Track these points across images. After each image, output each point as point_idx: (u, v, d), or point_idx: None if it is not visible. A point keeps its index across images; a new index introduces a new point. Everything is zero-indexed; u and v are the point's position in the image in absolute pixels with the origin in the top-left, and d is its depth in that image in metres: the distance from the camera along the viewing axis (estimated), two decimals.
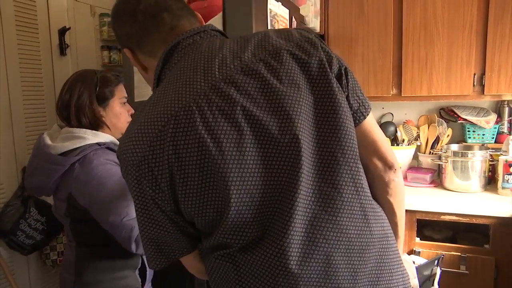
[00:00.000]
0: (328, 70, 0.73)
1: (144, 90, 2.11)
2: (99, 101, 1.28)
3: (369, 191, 0.77)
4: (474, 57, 1.98)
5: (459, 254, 1.80)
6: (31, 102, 2.19)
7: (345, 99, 0.74)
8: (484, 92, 1.98)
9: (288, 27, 1.76)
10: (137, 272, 1.32)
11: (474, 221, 1.80)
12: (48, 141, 1.25)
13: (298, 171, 0.68)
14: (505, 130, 2.20)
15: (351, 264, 0.71)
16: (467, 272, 1.79)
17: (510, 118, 2.20)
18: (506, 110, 2.20)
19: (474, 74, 1.98)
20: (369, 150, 0.81)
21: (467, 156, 1.99)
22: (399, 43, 2.09)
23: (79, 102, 1.25)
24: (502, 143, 2.10)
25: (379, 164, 0.82)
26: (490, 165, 2.06)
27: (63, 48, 2.36)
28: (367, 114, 0.79)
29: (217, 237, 0.72)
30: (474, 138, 2.23)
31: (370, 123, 0.80)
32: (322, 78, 0.72)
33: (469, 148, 2.12)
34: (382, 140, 0.82)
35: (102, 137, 1.26)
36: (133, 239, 1.18)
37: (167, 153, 0.68)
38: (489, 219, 1.77)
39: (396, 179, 0.84)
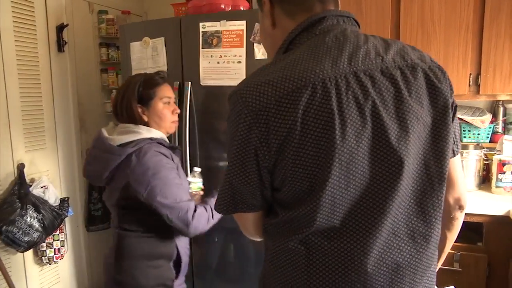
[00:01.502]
0: (450, 100, 0.77)
1: None
2: (142, 101, 1.40)
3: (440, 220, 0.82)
4: (470, 57, 2.00)
5: (453, 251, 1.82)
6: (28, 99, 2.19)
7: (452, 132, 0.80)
8: (480, 92, 2.00)
9: (245, 37, 1.85)
10: (171, 263, 1.41)
11: (468, 219, 1.81)
12: (106, 134, 1.38)
13: (397, 182, 0.72)
14: (500, 129, 2.23)
15: (412, 281, 0.77)
16: (460, 269, 1.81)
17: (505, 118, 2.22)
18: (501, 110, 2.22)
19: (470, 74, 2.00)
20: (450, 185, 0.85)
21: (462, 155, 2.00)
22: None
23: (123, 103, 1.39)
24: (497, 142, 2.12)
25: (452, 202, 0.89)
26: (484, 164, 2.08)
27: (61, 45, 2.36)
28: (458, 153, 0.85)
29: (298, 212, 0.72)
30: (469, 137, 2.25)
31: (457, 162, 0.87)
32: (443, 106, 0.76)
33: (464, 147, 2.14)
34: (462, 181, 0.89)
35: (155, 133, 1.40)
36: (189, 220, 1.32)
37: (294, 115, 0.68)
38: (482, 217, 1.79)
39: (460, 218, 0.92)
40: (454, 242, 1.84)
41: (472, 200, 1.88)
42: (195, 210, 1.35)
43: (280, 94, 0.69)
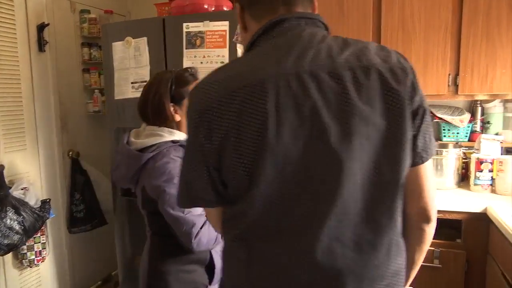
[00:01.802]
0: (407, 103, 0.73)
1: (124, 88, 2.11)
2: (175, 100, 1.32)
3: (400, 227, 0.79)
4: (449, 58, 2.04)
5: (433, 248, 1.86)
6: (8, 100, 2.15)
7: (412, 137, 0.75)
8: (458, 92, 2.05)
9: (228, 38, 1.86)
10: (204, 268, 1.35)
11: (447, 216, 1.86)
12: (131, 138, 1.34)
13: (338, 186, 0.70)
14: (478, 128, 2.28)
15: None
16: (440, 266, 1.85)
17: (483, 117, 2.28)
18: (479, 109, 2.28)
19: (449, 74, 2.04)
20: (414, 194, 0.80)
21: (442, 154, 2.05)
22: (378, 43, 2.13)
23: (155, 102, 1.31)
24: (475, 141, 2.17)
25: (416, 212, 0.82)
26: (463, 162, 2.13)
27: (41, 45, 2.33)
28: (426, 160, 0.78)
29: (236, 208, 0.77)
30: (449, 136, 2.30)
31: (425, 170, 0.79)
32: (399, 109, 0.72)
33: (444, 146, 2.19)
34: (429, 190, 0.81)
35: (178, 135, 1.32)
36: (193, 236, 1.23)
37: (231, 114, 0.71)
38: (461, 214, 1.84)
39: (427, 230, 0.85)
40: (434, 239, 1.91)
41: (452, 197, 1.92)
42: (202, 226, 1.26)
43: (222, 94, 0.72)
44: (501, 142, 2.08)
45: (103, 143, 2.56)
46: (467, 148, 2.16)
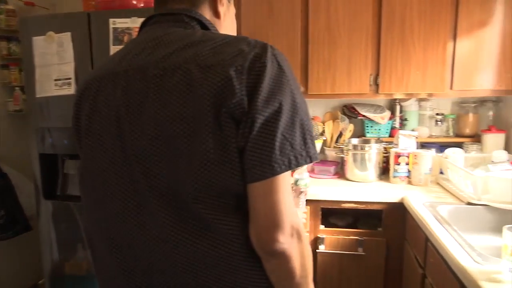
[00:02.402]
0: (208, 105, 0.65)
1: (46, 85, 1.99)
2: None
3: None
4: (370, 60, 2.19)
5: (357, 237, 1.99)
6: None
7: (226, 142, 0.66)
8: (379, 91, 2.20)
9: None
10: None
11: (369, 207, 2.00)
12: None
13: (135, 189, 0.72)
14: (397, 125, 2.47)
15: None
16: (364, 253, 1.98)
17: (401, 114, 2.48)
18: (398, 107, 2.47)
19: (371, 75, 2.19)
20: (250, 215, 0.69)
21: (364, 149, 2.19)
22: (306, 44, 2.23)
23: None
24: (394, 136, 2.35)
25: (253, 239, 0.69)
26: (384, 157, 2.30)
27: None
28: (256, 180, 0.66)
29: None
30: (372, 132, 2.47)
31: (263, 190, 0.66)
32: (199, 112, 0.66)
33: (367, 142, 2.34)
34: (267, 215, 0.66)
35: None
36: None
37: (75, 107, 0.82)
38: (381, 205, 1.98)
39: (273, 262, 0.69)
40: (359, 229, 2.05)
41: (373, 189, 2.07)
42: None
43: (82, 83, 0.82)
44: (416, 137, 2.27)
45: (26, 144, 2.39)
46: (387, 143, 2.33)
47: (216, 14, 0.84)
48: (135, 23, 1.86)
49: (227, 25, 0.87)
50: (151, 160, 0.69)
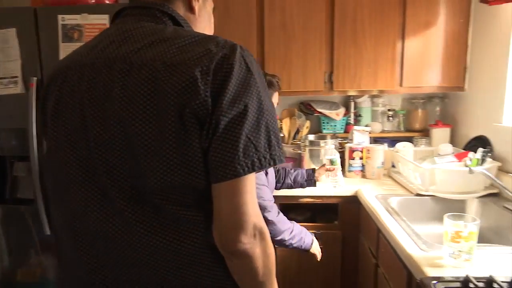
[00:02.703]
0: (173, 105, 0.65)
1: None
2: None
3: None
4: (324, 57, 2.25)
5: (315, 231, 2.04)
6: None
7: (190, 142, 0.66)
8: (333, 88, 2.27)
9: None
10: None
11: (326, 201, 2.06)
12: None
13: (96, 187, 0.72)
14: (352, 121, 2.56)
15: None
16: (321, 246, 2.03)
17: (355, 111, 2.56)
18: (352, 104, 2.55)
19: (325, 72, 2.25)
20: (214, 215, 0.69)
21: (320, 145, 2.25)
22: (262, 41, 2.26)
23: None
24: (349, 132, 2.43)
25: (216, 238, 0.69)
26: (340, 151, 2.36)
27: None
28: (219, 181, 0.66)
29: None
30: (328, 129, 2.54)
31: (226, 190, 0.67)
32: (164, 112, 0.65)
33: (323, 138, 2.40)
34: (230, 216, 0.67)
35: None
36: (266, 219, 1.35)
37: (42, 99, 0.82)
38: (337, 198, 2.05)
39: (236, 262, 0.70)
40: (317, 223, 2.11)
41: (329, 184, 2.12)
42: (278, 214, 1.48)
43: (51, 73, 0.81)
44: (369, 133, 2.37)
45: None
46: (342, 139, 2.40)
47: (191, 10, 0.81)
48: (85, 19, 1.80)
49: (202, 21, 0.85)
50: (114, 155, 0.68)
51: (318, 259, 1.72)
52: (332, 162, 1.94)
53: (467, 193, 1.78)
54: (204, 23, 0.86)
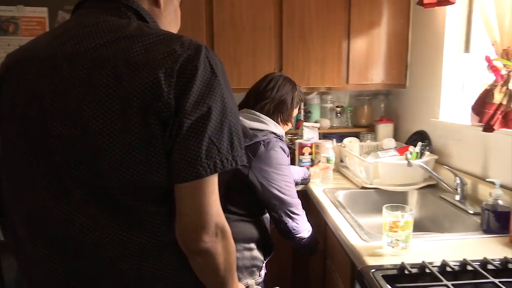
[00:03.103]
0: (140, 101, 0.64)
1: None
2: (292, 107, 1.62)
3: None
4: (274, 55, 2.28)
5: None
6: None
7: (152, 143, 0.66)
8: None
9: (48, 25, 1.78)
10: (259, 247, 1.53)
11: None
12: None
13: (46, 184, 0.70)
14: (302, 117, 2.61)
15: None
16: (274, 241, 2.07)
17: (305, 107, 2.62)
18: None
19: (275, 70, 2.28)
20: (176, 214, 0.70)
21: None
22: (211, 38, 2.24)
23: (282, 99, 1.58)
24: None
25: (178, 236, 0.70)
26: (290, 148, 2.41)
27: None
28: (182, 182, 0.66)
29: None
30: None
31: (189, 190, 0.67)
32: (123, 111, 0.65)
33: None
34: (191, 216, 0.68)
35: (279, 130, 1.58)
36: (295, 214, 1.52)
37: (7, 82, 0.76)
38: None
39: (198, 261, 0.72)
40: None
41: None
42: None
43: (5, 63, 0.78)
44: (318, 129, 2.43)
45: None
46: (293, 135, 2.45)
47: (156, 3, 0.80)
48: (21, 12, 1.70)
49: (168, 15, 0.83)
50: (74, 151, 0.67)
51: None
52: (328, 160, 2.07)
53: (408, 185, 1.89)
54: (170, 18, 0.85)
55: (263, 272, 1.56)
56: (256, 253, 1.52)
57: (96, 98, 0.65)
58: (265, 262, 1.57)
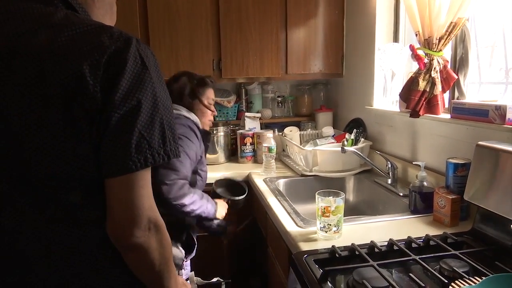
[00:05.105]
0: (65, 95, 0.62)
1: None
2: (191, 96, 1.59)
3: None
4: (211, 44, 2.24)
5: None
6: None
7: (79, 137, 0.64)
8: (222, 76, 2.28)
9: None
10: (180, 245, 1.48)
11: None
12: None
13: None
14: (244, 108, 2.61)
15: None
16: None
17: (246, 97, 2.62)
18: (243, 91, 2.60)
19: (213, 60, 2.25)
20: (107, 209, 0.68)
21: (212, 133, 2.26)
22: (146, 28, 2.16)
23: (180, 89, 1.58)
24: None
25: (109, 231, 0.69)
26: (232, 139, 2.40)
27: None
28: (111, 176, 0.65)
29: None
30: (220, 116, 2.55)
31: (119, 186, 0.66)
32: (52, 99, 0.62)
33: (215, 125, 2.41)
34: (121, 213, 0.67)
35: (193, 116, 1.56)
36: (184, 196, 1.38)
37: None
38: None
39: (131, 257, 0.71)
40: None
41: (223, 170, 2.15)
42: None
43: None
44: (260, 119, 2.44)
45: None
46: (234, 126, 2.44)
47: None
48: None
49: (101, 7, 0.78)
50: None
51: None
52: (269, 149, 2.08)
53: (345, 171, 1.95)
54: (104, 10, 0.79)
55: (184, 271, 1.53)
56: (175, 251, 1.47)
57: (18, 91, 0.62)
58: (186, 260, 1.54)
